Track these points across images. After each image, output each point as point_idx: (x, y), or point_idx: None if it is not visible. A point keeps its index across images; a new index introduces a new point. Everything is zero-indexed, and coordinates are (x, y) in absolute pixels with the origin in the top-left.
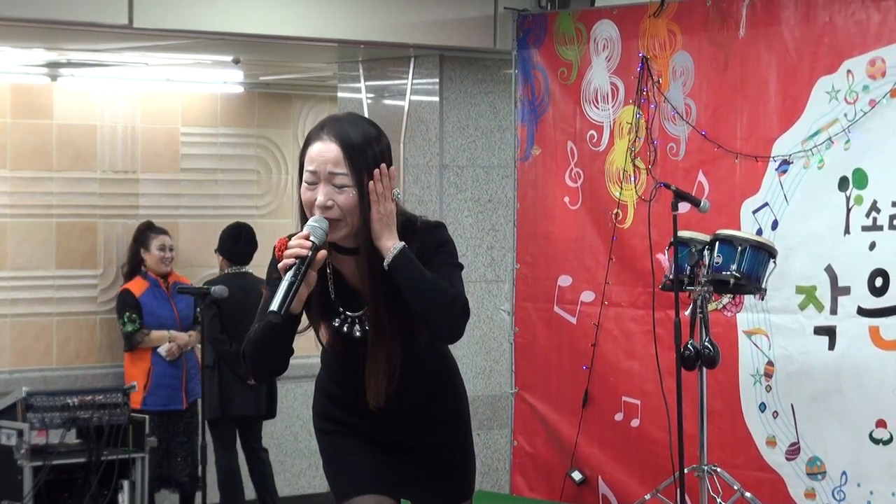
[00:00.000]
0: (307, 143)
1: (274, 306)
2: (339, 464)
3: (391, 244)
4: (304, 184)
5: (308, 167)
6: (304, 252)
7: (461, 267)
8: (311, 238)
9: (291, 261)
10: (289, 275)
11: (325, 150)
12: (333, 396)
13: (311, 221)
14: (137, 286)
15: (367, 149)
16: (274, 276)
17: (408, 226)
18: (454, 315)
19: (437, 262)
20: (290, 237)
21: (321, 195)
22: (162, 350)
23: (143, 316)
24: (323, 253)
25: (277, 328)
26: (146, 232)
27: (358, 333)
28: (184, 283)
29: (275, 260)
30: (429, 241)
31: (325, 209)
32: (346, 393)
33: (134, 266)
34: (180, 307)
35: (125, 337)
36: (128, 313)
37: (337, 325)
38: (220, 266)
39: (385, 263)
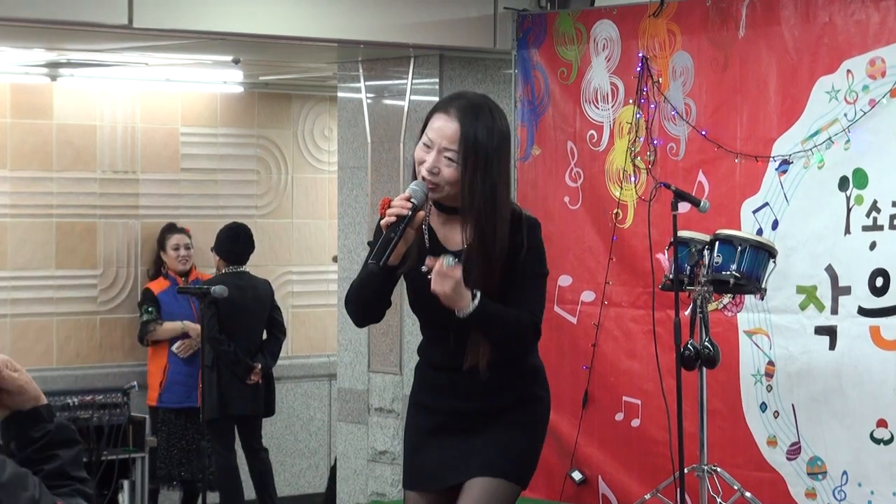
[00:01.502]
0: (436, 109)
1: (373, 258)
2: (408, 458)
3: (463, 305)
4: (421, 143)
5: (428, 133)
6: (404, 212)
7: (545, 275)
8: (412, 199)
9: (393, 218)
10: (389, 231)
11: (447, 126)
12: (426, 379)
13: (412, 185)
14: (158, 285)
15: (483, 139)
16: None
17: (513, 218)
18: (524, 344)
19: (526, 266)
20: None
21: (430, 161)
22: (175, 347)
23: (160, 311)
24: (421, 214)
25: (377, 277)
26: (164, 234)
27: None
28: (201, 279)
29: (380, 218)
30: (529, 240)
31: (431, 174)
32: (434, 367)
33: (157, 268)
34: (199, 305)
35: (140, 328)
36: (145, 306)
37: (425, 271)
38: (216, 266)
39: (460, 315)
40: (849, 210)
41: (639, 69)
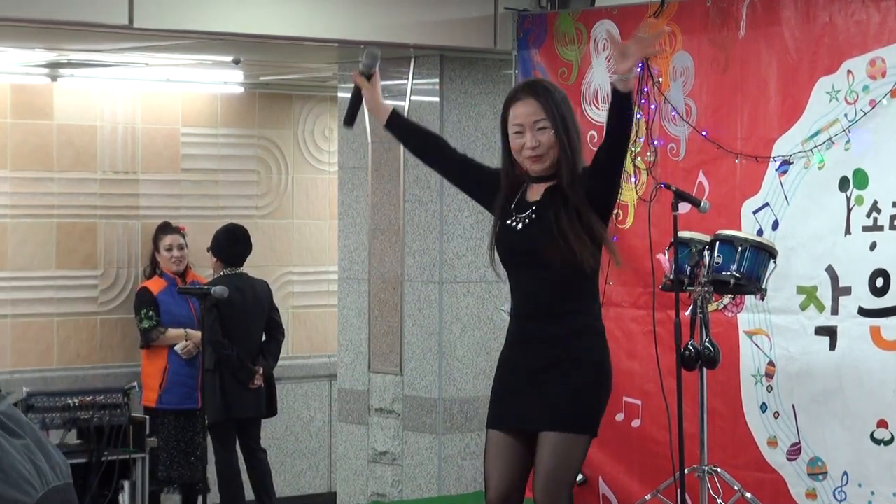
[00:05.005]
0: (507, 106)
1: (344, 121)
2: (491, 400)
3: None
4: (511, 136)
5: (514, 122)
6: (358, 79)
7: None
8: (361, 70)
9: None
10: (352, 96)
11: (527, 105)
12: (509, 331)
13: (363, 59)
14: (155, 284)
15: (556, 101)
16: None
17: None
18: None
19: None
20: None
21: (529, 140)
22: (178, 348)
23: (160, 313)
24: (375, 77)
25: (387, 125)
26: (158, 233)
27: (519, 226)
28: (199, 282)
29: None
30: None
31: (534, 148)
32: (513, 316)
33: (152, 267)
34: (197, 305)
35: (141, 333)
36: (144, 310)
37: (507, 221)
38: (213, 267)
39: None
40: (849, 210)
41: (639, 69)
